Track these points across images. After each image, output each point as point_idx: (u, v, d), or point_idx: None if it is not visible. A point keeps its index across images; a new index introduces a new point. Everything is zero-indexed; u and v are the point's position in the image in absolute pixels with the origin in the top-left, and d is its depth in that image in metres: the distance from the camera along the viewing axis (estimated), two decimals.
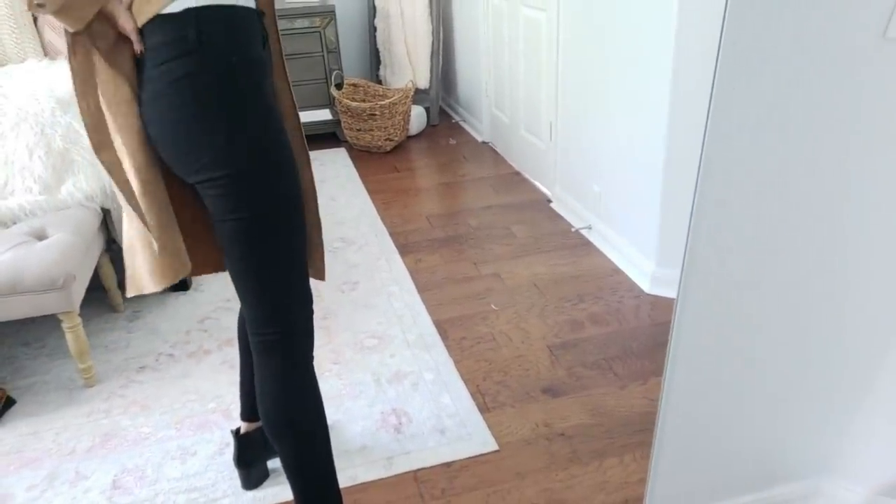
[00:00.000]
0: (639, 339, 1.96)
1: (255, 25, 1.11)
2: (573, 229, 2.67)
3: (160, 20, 0.99)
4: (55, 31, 3.10)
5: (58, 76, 2.47)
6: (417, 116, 3.93)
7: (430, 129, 4.11)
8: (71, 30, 1.01)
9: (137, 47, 1.02)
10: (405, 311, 2.17)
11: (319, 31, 3.71)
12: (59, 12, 0.96)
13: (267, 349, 1.15)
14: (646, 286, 2.23)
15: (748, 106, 0.83)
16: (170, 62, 1.01)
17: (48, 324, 2.15)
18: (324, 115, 3.90)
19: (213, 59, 1.02)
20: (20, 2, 3.07)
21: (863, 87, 0.79)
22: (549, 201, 2.97)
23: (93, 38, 1.02)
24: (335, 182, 3.35)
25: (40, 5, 0.95)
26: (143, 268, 1.17)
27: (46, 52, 3.07)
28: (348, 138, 3.79)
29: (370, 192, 3.21)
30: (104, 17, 1.01)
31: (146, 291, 1.18)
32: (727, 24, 0.77)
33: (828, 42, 0.76)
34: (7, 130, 2.04)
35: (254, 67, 1.07)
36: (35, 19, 3.08)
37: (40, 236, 1.83)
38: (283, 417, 1.17)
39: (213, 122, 1.03)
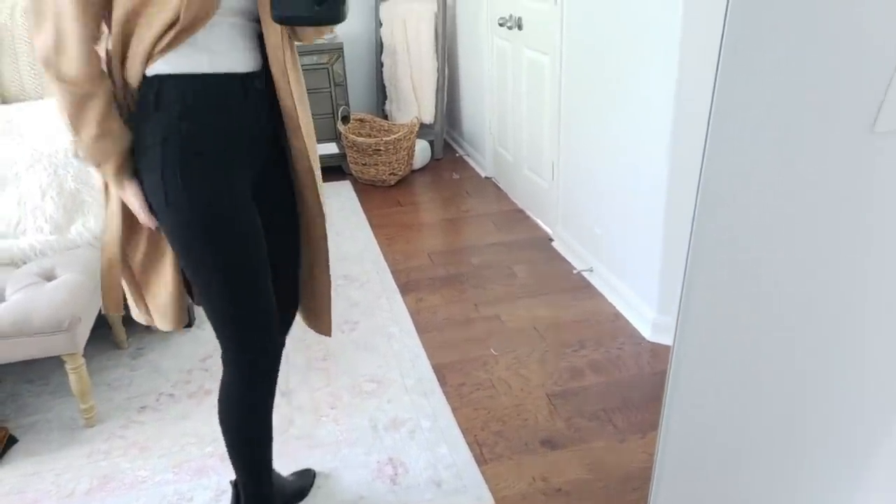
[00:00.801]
0: (639, 389, 1.97)
1: (235, 92, 1.17)
2: (575, 271, 2.69)
3: (143, 81, 1.11)
4: None
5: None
6: (422, 150, 3.98)
7: (434, 163, 4.16)
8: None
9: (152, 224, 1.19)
10: (404, 354, 2.19)
11: (328, 67, 3.78)
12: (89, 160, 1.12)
13: (224, 363, 1.31)
14: (647, 333, 2.24)
15: (738, 175, 0.85)
16: (136, 118, 1.14)
17: (52, 361, 2.17)
18: (330, 148, 3.96)
19: (163, 124, 1.11)
20: None
21: (851, 178, 0.82)
22: (551, 240, 3.00)
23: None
24: (340, 215, 3.39)
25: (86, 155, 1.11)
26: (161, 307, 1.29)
27: None
28: (353, 172, 3.84)
29: (374, 226, 3.24)
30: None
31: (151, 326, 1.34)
32: (713, 122, 0.80)
33: (816, 135, 0.79)
34: (22, 171, 2.09)
35: (212, 135, 1.15)
36: None
37: (49, 277, 1.86)
38: (229, 423, 1.35)
39: (155, 181, 1.13)
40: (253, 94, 1.20)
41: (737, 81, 0.77)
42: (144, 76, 1.11)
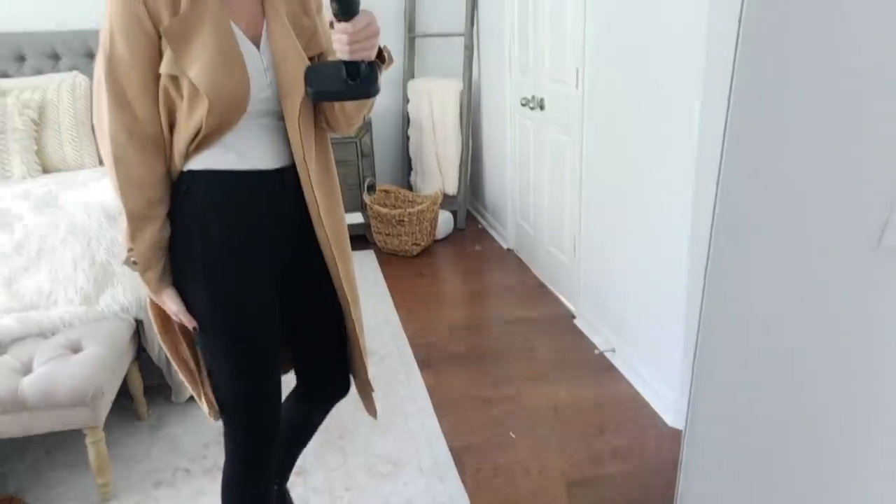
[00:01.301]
0: (660, 479, 1.92)
1: (263, 187, 1.25)
2: (596, 352, 2.66)
3: (179, 175, 1.21)
4: None
5: (108, 190, 2.63)
6: (444, 221, 4.04)
7: (457, 234, 4.21)
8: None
9: (190, 324, 1.26)
10: (421, 434, 2.16)
11: (356, 140, 3.89)
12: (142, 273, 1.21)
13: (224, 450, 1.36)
14: (669, 419, 2.19)
15: (744, 276, 0.86)
16: (172, 208, 1.22)
17: (73, 432, 2.19)
18: (356, 218, 4.03)
19: (190, 215, 1.21)
20: (81, 113, 3.31)
21: (857, 294, 0.82)
22: (573, 317, 2.98)
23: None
24: (362, 287, 3.40)
25: (134, 262, 1.20)
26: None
27: (101, 160, 3.27)
28: (377, 241, 3.89)
29: (395, 297, 3.26)
30: None
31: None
32: (715, 233, 0.81)
33: (821, 250, 0.80)
34: (57, 243, 2.16)
35: (235, 229, 1.23)
36: (93, 129, 3.30)
37: (76, 348, 1.90)
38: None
39: (179, 264, 1.23)
40: (280, 186, 1.26)
41: (742, 193, 0.79)
42: (181, 171, 1.20)
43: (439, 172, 4.18)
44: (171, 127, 1.18)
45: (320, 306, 1.40)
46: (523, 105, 3.27)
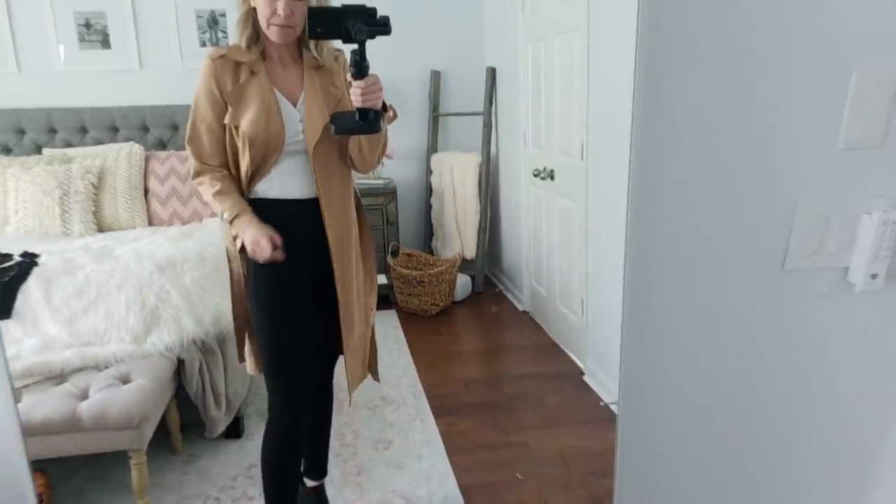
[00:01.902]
0: None
1: (297, 211, 1.69)
2: (602, 403, 2.81)
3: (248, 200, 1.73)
4: (160, 204, 3.65)
5: (158, 243, 2.92)
6: (463, 284, 4.26)
7: (475, 296, 4.42)
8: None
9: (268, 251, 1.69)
10: (433, 474, 2.31)
11: (382, 207, 4.19)
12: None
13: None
14: None
15: (668, 311, 1.04)
16: None
17: (116, 460, 2.38)
18: (380, 279, 4.27)
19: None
20: (135, 178, 3.67)
21: (764, 314, 1.01)
22: (583, 374, 3.13)
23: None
24: (383, 343, 3.62)
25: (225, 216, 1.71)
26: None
27: (151, 221, 3.60)
28: (399, 301, 4.12)
29: (413, 353, 3.45)
30: None
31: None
32: (628, 266, 1.02)
33: (731, 272, 1.00)
34: (113, 288, 2.43)
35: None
36: (146, 192, 3.65)
37: (125, 380, 2.12)
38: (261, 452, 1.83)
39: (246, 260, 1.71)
40: (311, 210, 1.69)
41: (659, 230, 1.00)
42: (249, 199, 1.72)
43: (459, 238, 4.44)
44: (236, 163, 1.69)
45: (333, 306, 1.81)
46: (535, 175, 3.55)
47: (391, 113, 1.67)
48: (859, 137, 0.94)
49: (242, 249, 1.68)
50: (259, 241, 1.60)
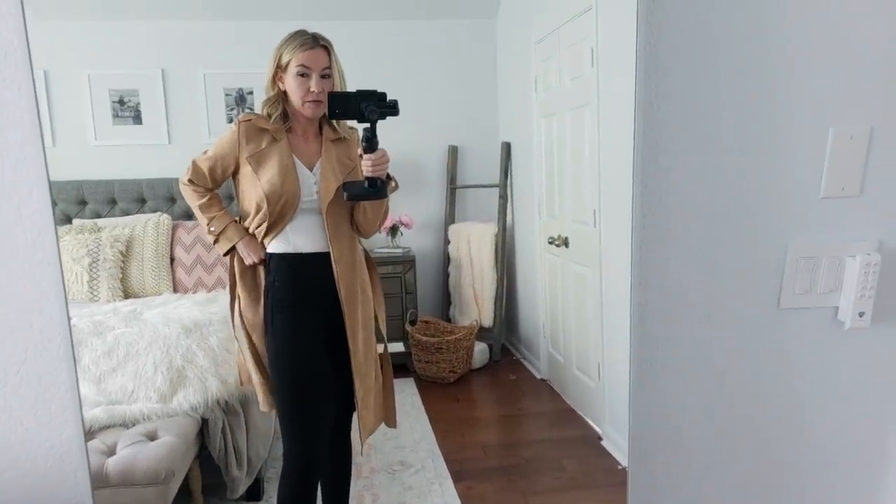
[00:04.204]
0: None
1: (309, 264, 1.88)
2: (620, 467, 2.79)
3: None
4: (185, 272, 3.79)
5: (184, 308, 3.03)
6: (480, 352, 4.30)
7: (492, 364, 4.43)
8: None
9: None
10: None
11: (401, 276, 4.30)
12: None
13: None
14: None
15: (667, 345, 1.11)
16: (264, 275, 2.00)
17: None
18: (398, 347, 4.32)
19: (268, 281, 1.94)
20: (163, 246, 3.82)
21: (762, 350, 1.07)
22: (600, 439, 3.12)
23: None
24: (402, 410, 3.62)
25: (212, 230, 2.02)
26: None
27: (176, 288, 3.73)
28: (417, 369, 4.15)
29: (432, 419, 3.46)
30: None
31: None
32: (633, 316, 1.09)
33: (729, 311, 1.06)
34: (142, 349, 2.52)
35: (292, 292, 1.91)
36: (172, 261, 3.79)
37: (152, 437, 2.18)
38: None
39: (262, 310, 1.99)
40: (321, 263, 1.86)
41: (660, 279, 1.08)
42: (266, 253, 1.96)
43: (476, 306, 4.51)
44: (245, 215, 1.95)
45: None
46: (550, 243, 3.66)
47: (393, 183, 1.92)
48: (839, 188, 1.03)
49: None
50: (250, 243, 1.84)
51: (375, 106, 1.65)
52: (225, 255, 1.96)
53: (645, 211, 1.01)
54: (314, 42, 1.83)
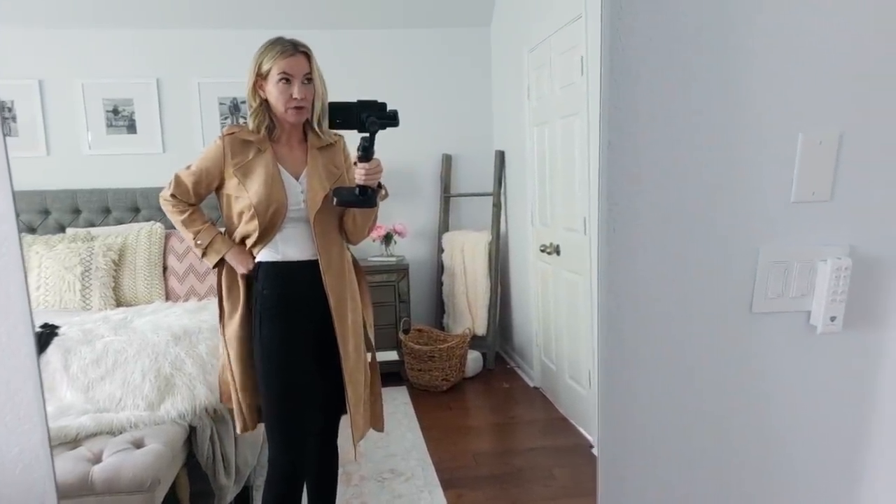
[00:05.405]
0: None
1: (299, 272, 1.86)
2: None
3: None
4: (178, 280, 3.79)
5: (175, 316, 3.03)
6: (474, 360, 4.29)
7: (486, 373, 4.43)
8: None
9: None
10: None
11: (394, 285, 4.30)
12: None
13: None
14: None
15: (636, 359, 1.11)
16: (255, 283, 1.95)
17: None
18: (391, 356, 4.32)
19: (257, 290, 1.90)
20: (155, 255, 3.83)
21: (735, 354, 1.08)
22: (591, 447, 3.11)
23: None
24: (393, 418, 3.63)
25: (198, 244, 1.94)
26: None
27: (169, 296, 3.74)
28: (410, 377, 4.15)
29: (423, 427, 3.45)
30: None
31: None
32: (601, 318, 1.10)
33: (702, 316, 1.07)
34: (130, 357, 2.52)
35: (281, 300, 1.89)
36: (164, 269, 3.81)
37: (139, 445, 2.17)
38: None
39: (252, 317, 1.93)
40: (310, 271, 1.86)
41: (631, 285, 1.09)
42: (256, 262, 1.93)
43: (470, 315, 4.51)
44: (232, 227, 1.92)
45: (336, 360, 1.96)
46: (542, 251, 3.67)
47: (384, 192, 1.89)
48: (809, 192, 1.04)
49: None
50: (239, 253, 1.85)
51: (376, 117, 1.64)
52: (214, 267, 1.95)
53: (613, 216, 1.01)
54: (294, 49, 1.82)
